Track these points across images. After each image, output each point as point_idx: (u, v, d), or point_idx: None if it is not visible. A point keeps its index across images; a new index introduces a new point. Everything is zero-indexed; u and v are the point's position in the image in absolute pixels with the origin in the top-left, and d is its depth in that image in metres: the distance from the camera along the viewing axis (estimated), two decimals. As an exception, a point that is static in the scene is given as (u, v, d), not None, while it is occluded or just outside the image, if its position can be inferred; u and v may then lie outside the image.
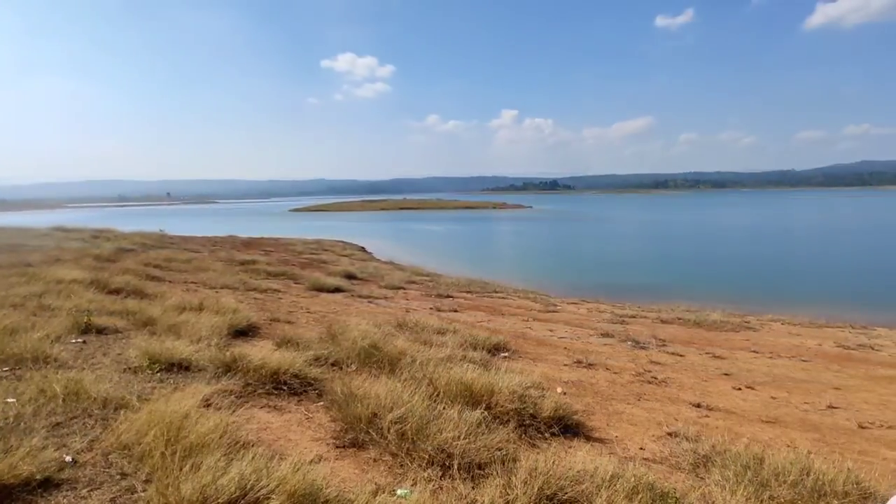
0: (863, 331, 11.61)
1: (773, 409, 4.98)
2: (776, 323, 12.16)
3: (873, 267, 28.39)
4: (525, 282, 21.59)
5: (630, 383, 5.56)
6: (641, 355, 7.12)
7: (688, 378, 6.00)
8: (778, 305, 16.53)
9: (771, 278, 25.21)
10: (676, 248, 39.05)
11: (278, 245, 26.41)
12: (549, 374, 5.72)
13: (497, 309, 11.86)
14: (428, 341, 6.18)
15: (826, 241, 43.73)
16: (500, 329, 8.75)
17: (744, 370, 6.65)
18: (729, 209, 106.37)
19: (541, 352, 6.93)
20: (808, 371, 6.88)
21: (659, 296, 18.36)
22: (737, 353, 7.93)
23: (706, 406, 4.85)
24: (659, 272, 26.91)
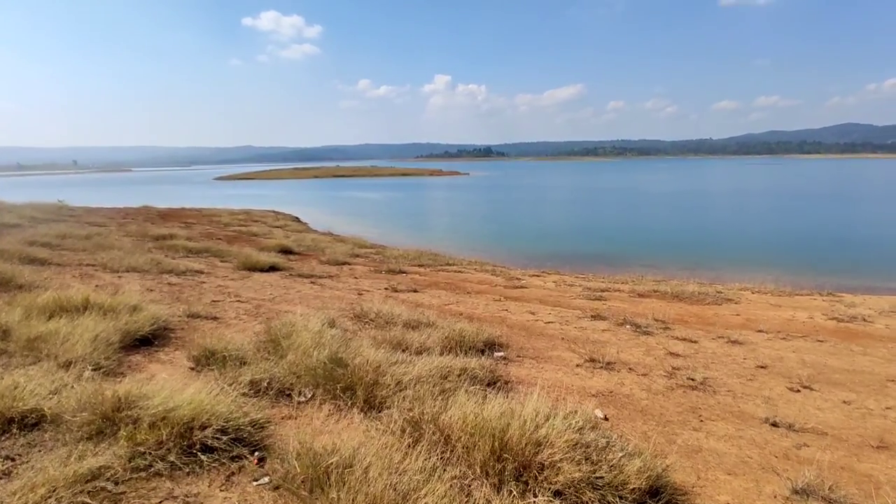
0: (835, 299, 11.19)
1: (861, 421, 3.91)
2: (747, 292, 11.54)
3: (802, 232, 29.39)
4: (475, 251, 20.38)
5: (670, 391, 4.33)
6: (652, 344, 5.96)
7: (727, 377, 4.86)
8: (728, 271, 16.26)
9: (710, 243, 25.37)
10: (618, 214, 39.19)
11: (201, 217, 23.68)
12: (566, 382, 4.40)
13: (459, 286, 10.48)
14: (402, 343, 4.68)
15: (750, 206, 45.48)
16: (474, 313, 7.37)
17: (773, 358, 5.63)
18: (656, 175, 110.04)
19: (538, 346, 5.60)
20: (837, 356, 5.97)
21: (613, 264, 17.74)
22: (744, 333, 6.96)
23: (786, 425, 3.69)
24: (606, 239, 26.51)
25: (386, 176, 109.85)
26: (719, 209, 42.99)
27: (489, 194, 63.93)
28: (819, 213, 38.32)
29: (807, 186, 70.27)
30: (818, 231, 29.16)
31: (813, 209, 40.81)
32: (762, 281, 12.81)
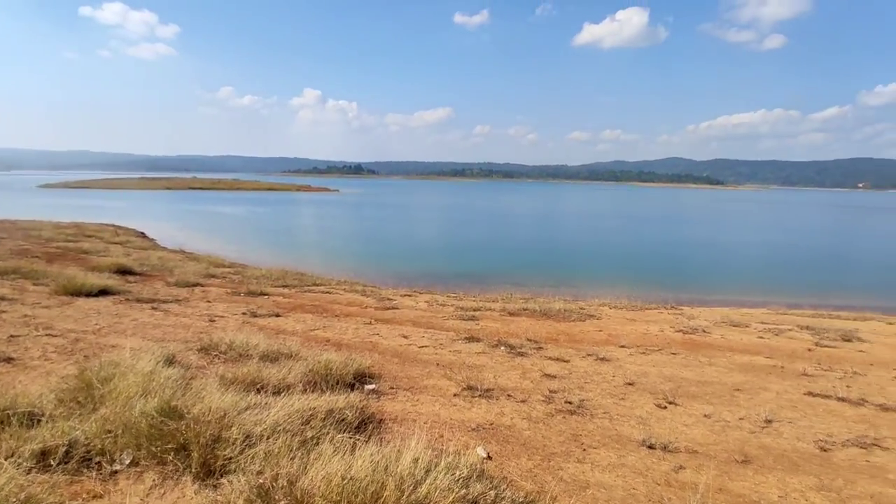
0: (677, 311, 12.31)
1: (723, 435, 4.04)
2: (606, 308, 12.27)
3: (645, 250, 32.76)
4: (344, 271, 19.62)
5: (550, 418, 4.17)
6: (528, 366, 5.86)
7: (601, 396, 4.86)
8: (587, 288, 17.39)
9: (570, 261, 27.19)
10: (487, 233, 40.64)
11: (15, 230, 20.05)
12: (444, 415, 4.04)
13: (327, 308, 9.78)
14: (258, 380, 4.00)
15: (602, 226, 50.00)
16: (342, 339, 6.80)
17: (638, 374, 5.82)
18: (519, 196, 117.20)
19: (413, 374, 5.21)
20: (690, 368, 6.36)
21: (484, 282, 18.14)
22: (609, 349, 7.22)
23: (661, 446, 3.67)
24: (476, 257, 27.21)
25: (249, 190, 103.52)
26: (576, 229, 46.61)
27: (359, 211, 63.08)
28: (656, 233, 43.19)
29: (645, 210, 79.34)
30: (657, 249, 32.71)
31: (651, 230, 45.95)
32: (617, 296, 13.77)
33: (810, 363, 7.10)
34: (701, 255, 30.77)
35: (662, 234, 43.37)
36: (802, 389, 5.58)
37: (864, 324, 12.11)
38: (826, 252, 35.28)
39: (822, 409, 4.90)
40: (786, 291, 18.81)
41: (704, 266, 26.82)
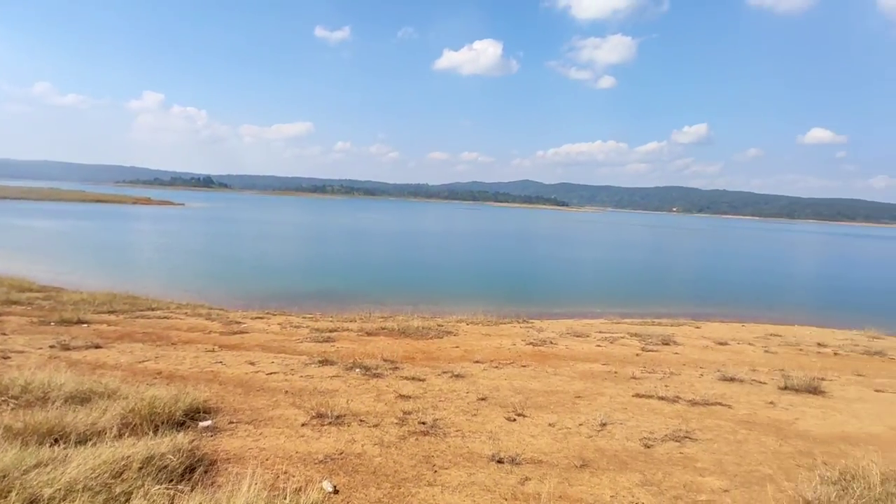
0: (528, 325, 13.08)
1: (565, 442, 4.26)
2: (463, 324, 12.63)
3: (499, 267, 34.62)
4: (188, 293, 17.89)
5: (403, 441, 4.07)
6: (383, 387, 5.73)
7: (454, 414, 4.89)
8: (446, 304, 17.83)
9: (430, 278, 27.77)
10: (346, 251, 39.94)
11: None
12: (289, 449, 3.75)
13: (162, 336, 8.75)
14: (58, 429, 3.37)
15: (459, 244, 51.98)
16: (178, 370, 6.10)
17: (491, 388, 5.99)
18: (380, 214, 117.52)
19: (257, 405, 4.80)
20: (538, 379, 6.72)
21: (342, 301, 17.74)
22: (464, 365, 7.37)
23: (509, 459, 3.76)
24: (335, 276, 26.55)
25: (72, 201, 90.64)
26: (435, 247, 47.82)
27: (208, 227, 58.40)
28: (510, 250, 46.00)
29: (500, 228, 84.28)
30: (512, 265, 34.79)
31: (506, 247, 48.82)
32: (474, 312, 14.25)
33: (638, 367, 7.91)
34: (550, 270, 33.34)
35: (516, 251, 46.31)
36: (631, 392, 6.16)
37: (678, 329, 13.91)
38: (649, 266, 40.36)
39: (646, 409, 5.44)
40: (620, 302, 21.03)
41: (553, 280, 29.07)
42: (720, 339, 12.02)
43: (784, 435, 4.84)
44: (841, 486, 3.33)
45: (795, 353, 10.79)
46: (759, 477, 3.74)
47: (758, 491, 3.47)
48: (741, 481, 3.64)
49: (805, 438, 4.78)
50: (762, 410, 5.72)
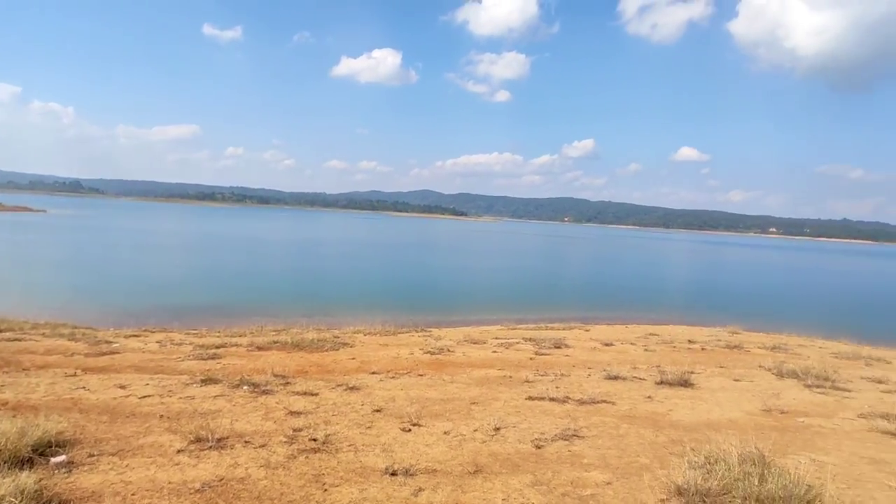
0: (427, 333, 13.12)
1: (459, 450, 4.26)
2: (360, 334, 12.39)
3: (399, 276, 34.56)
4: (47, 311, 15.89)
5: (292, 460, 3.85)
6: (272, 405, 5.42)
7: (348, 428, 4.73)
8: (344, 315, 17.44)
9: (328, 289, 27.06)
10: (238, 262, 37.80)
11: None
12: (160, 480, 3.40)
13: (11, 361, 7.66)
14: None
15: (359, 254, 51.27)
16: (29, 399, 5.35)
17: (387, 400, 5.88)
18: (277, 223, 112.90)
19: (125, 432, 4.32)
20: (435, 387, 6.71)
21: (232, 315, 16.74)
22: (360, 377, 7.20)
23: (403, 471, 3.69)
24: (225, 288, 25.00)
25: None
26: (334, 257, 46.73)
27: (73, 237, 52.67)
28: (410, 259, 46.12)
29: (399, 238, 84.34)
30: (411, 274, 34.85)
31: (403, 257, 48.88)
32: (372, 322, 14.05)
33: (532, 370, 8.19)
34: (449, 279, 33.83)
35: (415, 260, 46.52)
36: (525, 395, 6.35)
37: (569, 332, 14.67)
38: (543, 273, 42.40)
39: (538, 411, 5.62)
40: (516, 308, 21.82)
41: (452, 289, 29.50)
42: (606, 340, 12.82)
43: (659, 426, 5.22)
44: (706, 469, 3.62)
45: (670, 350, 11.77)
46: (638, 467, 3.98)
47: (636, 481, 3.69)
48: (622, 473, 3.85)
49: (677, 428, 5.19)
50: (641, 405, 6.14)
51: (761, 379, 8.30)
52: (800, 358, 11.10)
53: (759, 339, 15.11)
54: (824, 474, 3.93)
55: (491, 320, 17.66)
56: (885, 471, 4.15)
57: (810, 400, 6.85)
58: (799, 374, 8.47)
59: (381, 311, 17.61)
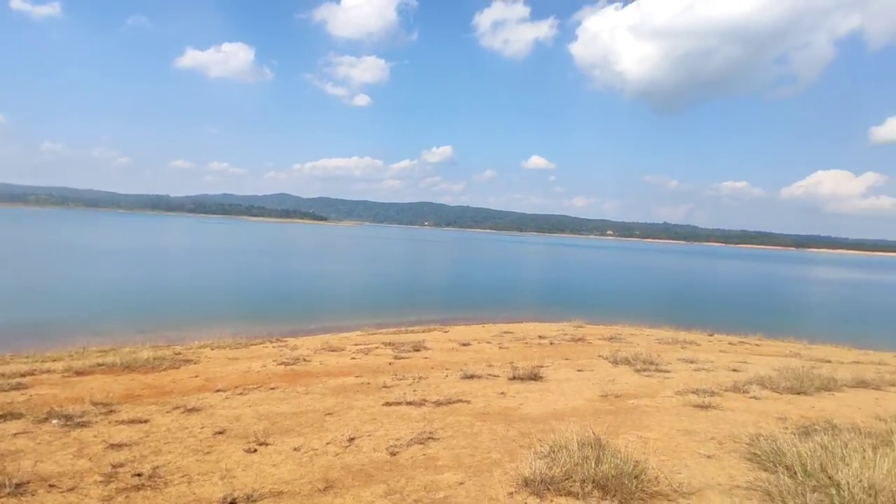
0: (282, 344, 12.44)
1: (310, 466, 4.01)
2: (207, 349, 11.37)
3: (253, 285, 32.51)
4: None
5: (107, 503, 3.31)
6: (89, 438, 4.67)
7: (182, 456, 4.22)
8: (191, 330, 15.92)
9: (172, 302, 24.55)
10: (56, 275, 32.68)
11: None
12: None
13: None
14: None
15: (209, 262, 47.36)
16: None
17: (231, 419, 5.39)
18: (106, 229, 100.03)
19: None
20: (287, 401, 6.32)
21: (47, 337, 14.38)
22: (202, 396, 6.54)
23: (244, 497, 3.37)
24: (37, 306, 21.41)
25: None
26: (179, 266, 42.55)
27: None
28: (264, 266, 43.64)
29: (253, 244, 79.55)
30: (263, 282, 32.94)
31: (259, 263, 46.17)
32: (221, 335, 12.96)
33: (390, 375, 8.10)
34: (307, 285, 32.58)
35: (270, 266, 44.15)
36: (382, 401, 6.23)
37: (429, 334, 14.88)
38: (404, 276, 42.77)
39: (395, 416, 5.54)
40: (376, 313, 21.64)
41: (311, 295, 28.43)
42: (464, 340, 13.22)
43: (511, 420, 5.43)
44: (551, 458, 3.80)
45: (523, 347, 12.47)
46: (490, 463, 4.07)
47: (487, 477, 3.76)
48: (474, 471, 3.90)
49: (527, 421, 5.44)
50: (495, 401, 6.36)
51: (600, 367, 9.11)
52: (631, 346, 12.42)
53: (599, 331, 16.69)
54: (648, 449, 4.35)
55: (351, 326, 17.30)
56: (696, 440, 4.73)
57: (639, 383, 7.66)
58: (630, 360, 9.45)
59: (232, 322, 16.38)
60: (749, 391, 6.92)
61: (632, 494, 3.33)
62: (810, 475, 3.58)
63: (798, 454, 3.83)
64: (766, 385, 7.26)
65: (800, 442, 4.11)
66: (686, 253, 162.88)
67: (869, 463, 3.51)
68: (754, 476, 3.76)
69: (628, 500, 3.29)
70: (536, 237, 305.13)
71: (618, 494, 3.32)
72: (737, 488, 3.58)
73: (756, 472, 3.84)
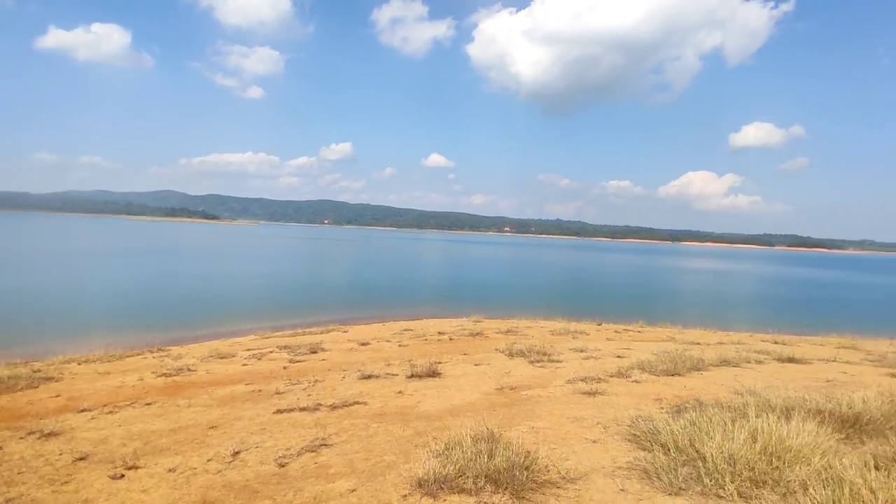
0: (164, 353, 11.46)
1: (186, 488, 3.66)
2: (73, 364, 10.19)
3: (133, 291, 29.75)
4: None
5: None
6: None
7: (36, 489, 3.70)
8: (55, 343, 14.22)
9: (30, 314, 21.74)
10: None
11: None
12: None
13: None
14: None
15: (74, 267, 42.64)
16: None
17: (97, 442, 4.82)
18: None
19: None
20: (165, 416, 5.78)
21: None
22: (63, 418, 5.81)
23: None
24: None
25: None
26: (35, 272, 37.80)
27: None
28: (142, 269, 40.09)
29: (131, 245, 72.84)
30: (142, 287, 30.25)
31: (137, 266, 42.36)
32: (92, 348, 11.70)
33: (283, 381, 7.73)
34: (194, 288, 30.36)
35: (153, 268, 40.65)
36: (273, 409, 5.91)
37: (327, 335, 14.48)
38: (302, 275, 41.33)
39: (286, 424, 5.26)
40: (272, 315, 20.65)
41: (198, 299, 26.53)
42: (364, 339, 13.00)
43: (408, 420, 5.36)
44: (445, 456, 3.78)
45: (422, 343, 12.49)
46: (384, 466, 3.97)
47: (381, 481, 3.66)
48: (368, 476, 3.78)
49: (424, 419, 5.40)
50: (392, 401, 6.26)
51: (497, 361, 9.33)
52: (526, 338, 12.89)
53: (497, 325, 17.17)
54: (539, 438, 4.49)
55: (245, 330, 16.39)
56: (584, 426, 4.95)
57: (532, 374, 7.93)
58: (525, 352, 9.79)
59: (105, 333, 14.82)
60: (631, 375, 7.42)
61: (523, 485, 3.39)
62: (681, 451, 3.87)
63: (671, 432, 4.12)
64: (646, 369, 7.83)
65: (672, 421, 4.44)
66: (577, 248, 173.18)
67: (729, 435, 3.86)
68: (634, 456, 3.99)
69: (519, 491, 3.34)
70: (437, 234, 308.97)
71: (509, 487, 3.36)
72: (619, 469, 3.77)
73: (636, 453, 4.09)
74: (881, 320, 28.40)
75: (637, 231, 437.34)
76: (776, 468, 3.49)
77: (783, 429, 3.90)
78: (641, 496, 3.33)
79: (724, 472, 3.43)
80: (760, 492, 3.26)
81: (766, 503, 3.11)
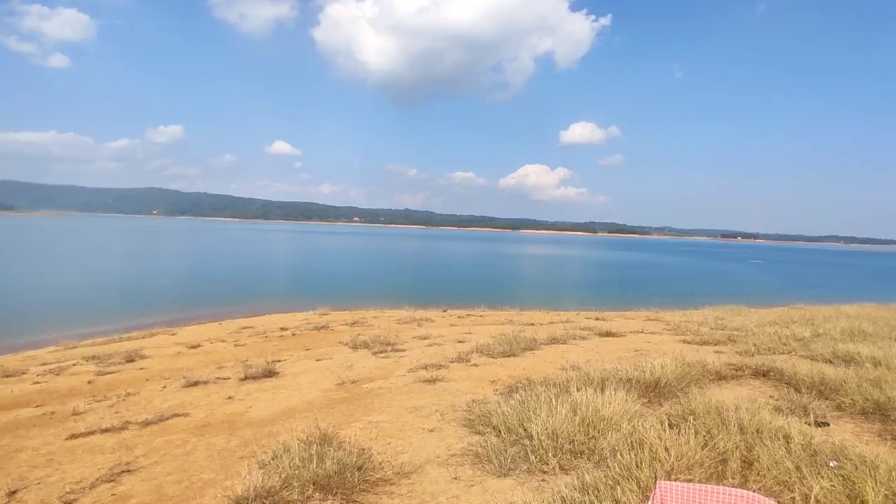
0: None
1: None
2: None
3: None
4: None
5: None
6: None
7: None
8: None
9: None
10: None
11: None
12: None
13: None
14: None
15: None
16: None
17: None
18: None
19: None
20: None
21: None
22: None
23: None
24: None
25: None
26: None
27: None
28: None
29: None
30: None
31: None
32: None
33: (85, 398, 6.65)
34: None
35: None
36: (67, 434, 5.00)
37: (150, 340, 12.89)
38: (121, 274, 36.47)
39: (82, 451, 4.47)
40: (78, 323, 17.82)
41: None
42: (194, 342, 11.80)
43: (235, 428, 4.89)
44: (272, 466, 3.46)
45: (262, 341, 11.71)
46: (200, 487, 3.53)
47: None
48: (179, 501, 3.32)
49: (254, 426, 4.97)
50: (220, 408, 5.69)
51: (340, 354, 9.05)
52: (372, 328, 12.76)
53: (343, 317, 16.80)
54: (377, 433, 4.37)
55: (43, 341, 13.91)
56: (422, 415, 4.93)
57: (375, 365, 7.80)
58: (369, 343, 9.64)
59: None
60: (471, 360, 7.63)
61: (354, 488, 3.22)
62: (511, 431, 4.01)
63: (502, 413, 4.26)
64: (485, 352, 8.12)
65: (504, 402, 4.61)
66: (425, 237, 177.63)
67: (553, 412, 4.09)
68: (468, 442, 4.04)
69: (350, 494, 3.17)
70: (283, 225, 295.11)
71: (339, 492, 3.17)
72: (453, 457, 3.79)
73: (470, 437, 4.15)
74: (676, 294, 33.44)
75: (481, 220, 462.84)
76: (592, 437, 3.77)
77: (599, 400, 4.24)
78: (473, 481, 3.36)
79: (548, 448, 3.61)
80: (578, 462, 3.48)
81: (582, 472, 3.32)
